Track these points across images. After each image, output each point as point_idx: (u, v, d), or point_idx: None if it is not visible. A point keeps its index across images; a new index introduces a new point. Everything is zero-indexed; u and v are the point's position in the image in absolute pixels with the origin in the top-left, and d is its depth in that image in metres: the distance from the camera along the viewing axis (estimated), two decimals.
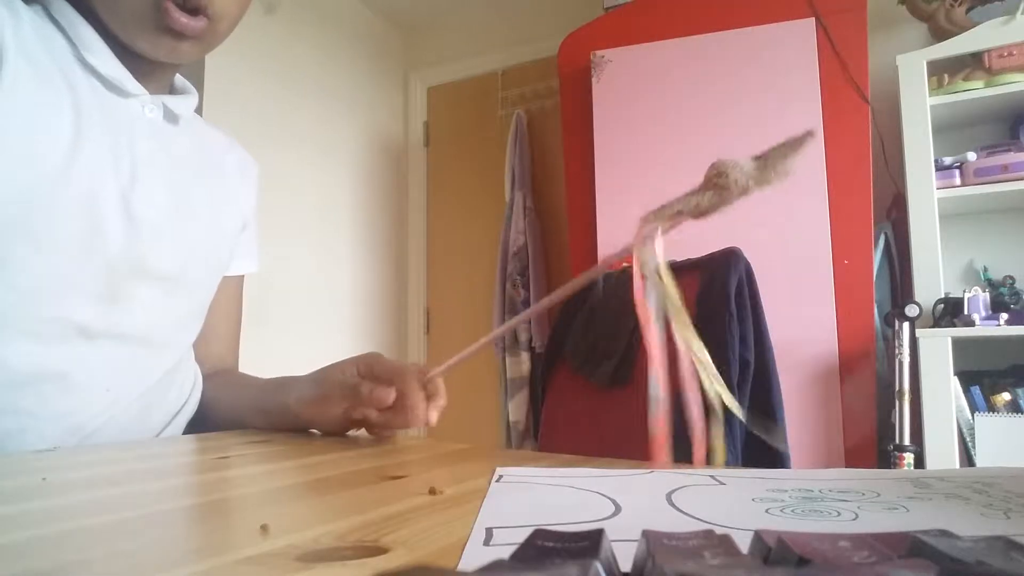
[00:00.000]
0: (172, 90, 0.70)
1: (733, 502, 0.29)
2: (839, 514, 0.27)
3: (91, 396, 0.60)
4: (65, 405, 0.58)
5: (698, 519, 0.27)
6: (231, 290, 0.81)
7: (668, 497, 0.30)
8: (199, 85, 2.32)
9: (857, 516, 0.27)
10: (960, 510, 0.28)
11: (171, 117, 0.67)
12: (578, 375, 1.79)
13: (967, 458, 1.62)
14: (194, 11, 0.58)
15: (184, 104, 0.68)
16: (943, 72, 1.81)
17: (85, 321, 0.58)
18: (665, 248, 0.37)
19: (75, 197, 0.56)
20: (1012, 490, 0.31)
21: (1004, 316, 1.64)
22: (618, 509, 0.29)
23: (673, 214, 0.37)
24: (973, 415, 1.63)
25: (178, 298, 0.67)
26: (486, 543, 0.24)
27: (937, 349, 1.63)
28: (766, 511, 0.28)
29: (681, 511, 0.28)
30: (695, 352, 0.37)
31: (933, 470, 0.37)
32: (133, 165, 0.60)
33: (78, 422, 0.59)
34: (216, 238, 0.72)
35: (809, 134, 0.33)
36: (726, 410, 0.36)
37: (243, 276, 0.83)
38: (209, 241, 0.71)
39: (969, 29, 1.78)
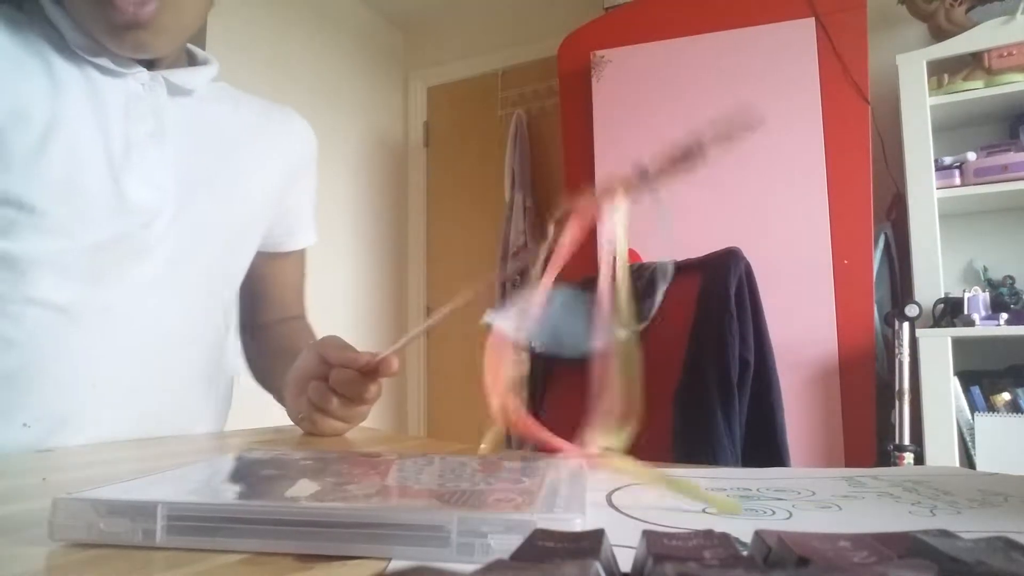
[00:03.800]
0: (192, 61, 0.68)
1: (672, 501, 0.30)
2: (773, 512, 0.28)
3: (76, 391, 0.57)
4: (53, 401, 0.56)
5: (636, 519, 0.27)
6: (290, 266, 0.80)
7: (608, 498, 0.31)
8: None
9: (791, 515, 0.27)
10: (890, 508, 0.29)
11: (178, 91, 0.63)
12: (578, 374, 1.79)
13: (967, 458, 1.62)
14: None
15: (195, 76, 0.65)
16: (943, 72, 1.81)
17: (66, 305, 0.56)
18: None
19: (54, 181, 0.55)
20: (940, 488, 0.32)
21: (1004, 316, 1.64)
22: None
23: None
24: (973, 415, 1.63)
25: (188, 283, 0.64)
26: None
27: (937, 349, 1.63)
28: (703, 510, 0.28)
29: (620, 511, 0.28)
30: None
31: (867, 469, 0.38)
32: (127, 146, 0.59)
33: (63, 416, 0.56)
34: (237, 215, 0.69)
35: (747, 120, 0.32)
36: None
37: (303, 251, 0.82)
38: (227, 219, 0.68)
39: (969, 29, 1.78)
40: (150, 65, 0.62)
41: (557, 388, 1.84)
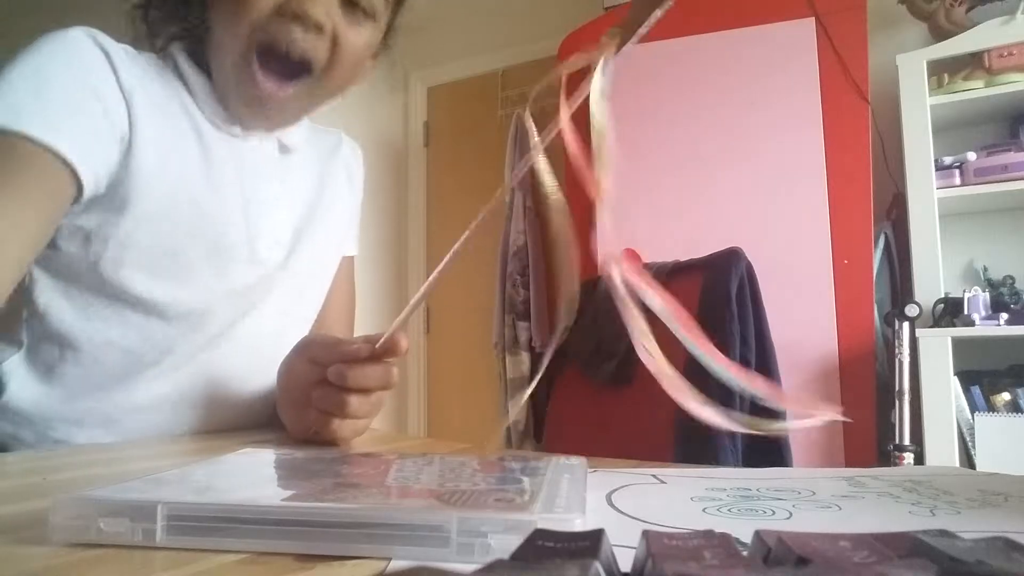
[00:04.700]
0: None
1: (671, 501, 0.30)
2: (773, 512, 0.27)
3: (221, 408, 0.65)
4: (210, 414, 0.64)
5: (636, 519, 0.27)
6: (337, 278, 0.80)
7: (608, 498, 0.31)
8: None
9: (791, 515, 0.27)
10: (890, 508, 0.28)
11: (285, 149, 0.69)
12: (582, 374, 1.79)
13: (967, 458, 1.62)
14: (294, 70, 0.58)
15: (296, 135, 0.70)
16: (943, 72, 1.81)
17: (207, 344, 0.62)
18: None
19: (208, 240, 0.59)
20: (940, 488, 0.32)
21: (1004, 316, 1.64)
22: None
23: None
24: (973, 415, 1.63)
25: (298, 317, 0.71)
26: None
27: (937, 349, 1.63)
28: (703, 510, 0.28)
29: (620, 511, 0.28)
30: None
31: (867, 469, 0.38)
32: (258, 206, 0.64)
33: (219, 422, 0.65)
34: (331, 253, 0.76)
35: None
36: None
37: (351, 264, 0.84)
38: (325, 262, 0.74)
39: (969, 29, 1.78)
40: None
41: (563, 387, 1.84)
